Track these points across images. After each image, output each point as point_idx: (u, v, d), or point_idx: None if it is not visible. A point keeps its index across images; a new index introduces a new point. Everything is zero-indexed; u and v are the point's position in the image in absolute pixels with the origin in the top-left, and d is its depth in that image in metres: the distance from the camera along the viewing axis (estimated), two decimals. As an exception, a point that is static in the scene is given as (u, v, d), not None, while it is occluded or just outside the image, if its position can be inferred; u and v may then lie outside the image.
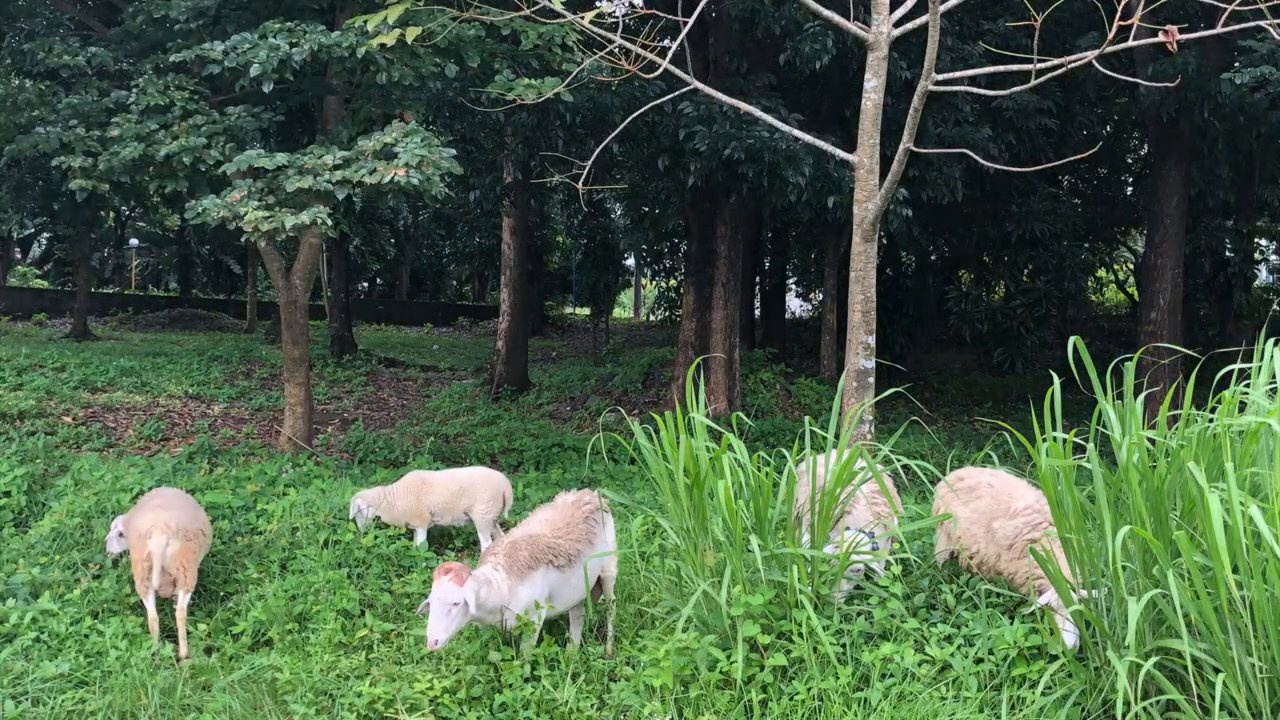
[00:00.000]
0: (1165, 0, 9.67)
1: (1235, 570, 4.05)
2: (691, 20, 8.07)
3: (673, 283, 29.24)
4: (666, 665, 5.03)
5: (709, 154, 13.11)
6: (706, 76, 15.14)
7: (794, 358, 21.94)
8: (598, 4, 18.37)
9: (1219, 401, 4.63)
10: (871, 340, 7.79)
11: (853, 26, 7.84)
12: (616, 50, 8.17)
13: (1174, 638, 4.20)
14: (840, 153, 8.14)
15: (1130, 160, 24.19)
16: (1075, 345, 4.87)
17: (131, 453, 12.86)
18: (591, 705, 5.25)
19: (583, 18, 8.67)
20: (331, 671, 5.90)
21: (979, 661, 4.94)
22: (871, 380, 7.76)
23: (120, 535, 7.52)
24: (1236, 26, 7.05)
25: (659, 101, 9.99)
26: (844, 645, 5.16)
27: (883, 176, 7.79)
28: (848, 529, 5.70)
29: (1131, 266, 27.49)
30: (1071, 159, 9.96)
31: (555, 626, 6.10)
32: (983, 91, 8.10)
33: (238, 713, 5.63)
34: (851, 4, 8.39)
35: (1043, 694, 4.57)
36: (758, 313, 27.07)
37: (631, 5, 17.77)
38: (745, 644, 5.00)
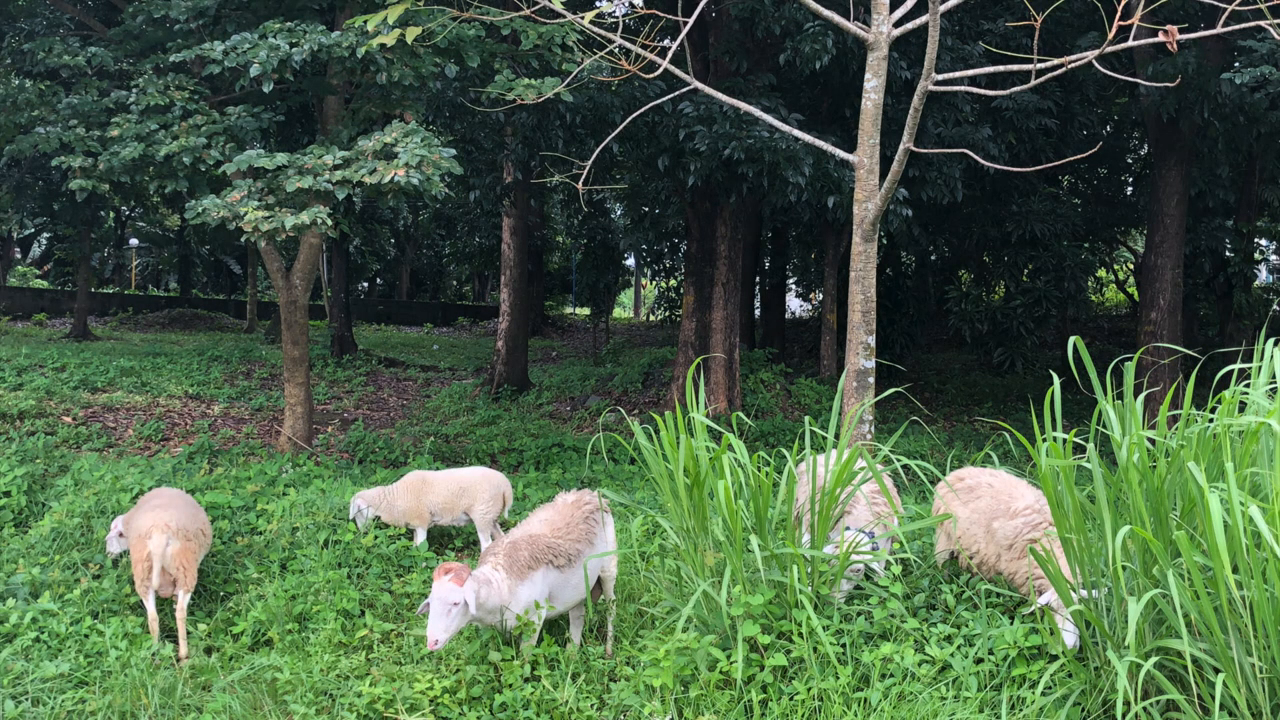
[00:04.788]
0: (1165, 0, 9.68)
1: (1235, 570, 4.05)
2: (691, 20, 8.07)
3: (673, 283, 29.25)
4: (666, 665, 5.03)
5: (709, 154, 13.11)
6: (706, 76, 15.15)
7: (794, 358, 21.95)
8: (598, 4, 18.39)
9: (1219, 401, 4.63)
10: (871, 340, 7.79)
11: (853, 26, 7.84)
12: (616, 50, 8.17)
13: (1174, 638, 4.20)
14: (840, 153, 8.14)
15: (1130, 160, 24.19)
16: (1075, 345, 4.87)
17: (131, 453, 12.86)
18: (591, 705, 5.25)
19: (583, 18, 8.67)
20: (331, 671, 5.90)
21: (979, 661, 4.94)
22: (871, 380, 7.76)
23: (120, 535, 7.52)
24: (1237, 26, 7.05)
25: (659, 101, 9.99)
26: (844, 645, 5.16)
27: (883, 176, 7.79)
28: (848, 529, 5.70)
29: (1131, 266, 27.49)
30: (1071, 159, 9.96)
31: (555, 626, 6.11)
32: (983, 91, 8.10)
33: (238, 713, 5.63)
34: (851, 4, 8.39)
35: (1043, 694, 4.57)
36: (758, 313, 27.08)
37: (631, 5, 17.78)
38: (745, 644, 5.00)
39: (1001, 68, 7.48)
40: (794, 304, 33.87)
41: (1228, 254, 19.55)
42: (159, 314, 28.27)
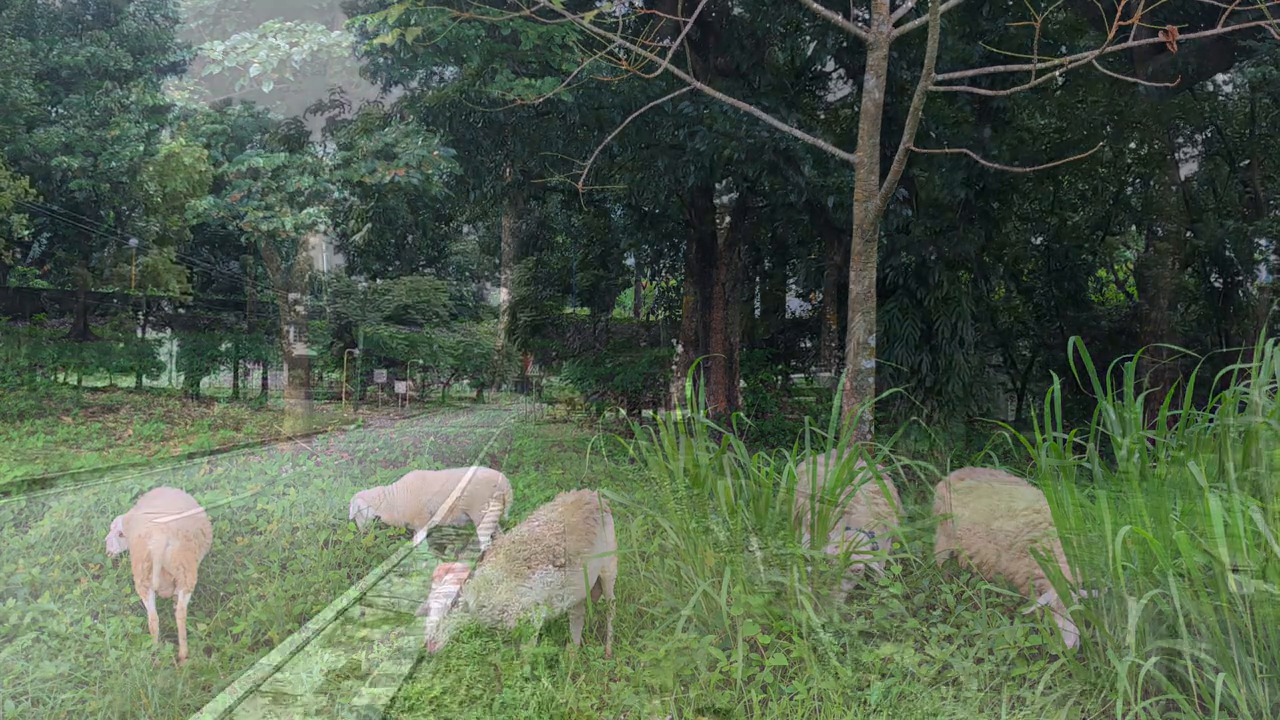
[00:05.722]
0: (1165, 0, 9.68)
1: (1235, 570, 4.04)
2: (691, 20, 8.07)
3: (673, 283, 29.24)
4: (666, 665, 5.03)
5: (709, 153, 13.11)
6: (706, 77, 15.14)
7: (794, 358, 21.94)
8: (598, 4, 18.36)
9: (1219, 401, 4.63)
10: (871, 340, 7.79)
11: (853, 26, 7.83)
12: (616, 50, 8.17)
13: (1174, 638, 4.20)
14: (840, 153, 8.14)
15: (1130, 160, 24.15)
16: (1075, 345, 4.87)
17: (131, 453, 12.86)
18: (591, 705, 5.25)
19: (583, 18, 8.66)
20: (331, 671, 5.90)
21: (979, 661, 4.94)
22: (871, 380, 7.76)
23: (120, 535, 7.51)
24: (1237, 26, 7.05)
25: (659, 101, 9.99)
26: (844, 645, 5.16)
27: (883, 176, 7.79)
28: (848, 529, 5.70)
29: (1131, 266, 27.46)
30: (1071, 159, 9.96)
31: (555, 626, 6.10)
32: (983, 91, 8.10)
33: (238, 713, 5.62)
34: (851, 4, 8.38)
35: (1043, 694, 4.57)
36: (758, 313, 27.07)
37: (632, 5, 17.76)
38: (745, 644, 4.99)
39: (1001, 68, 7.48)
40: (794, 304, 33.85)
41: (1228, 254, 19.53)
42: (159, 314, 28.24)
